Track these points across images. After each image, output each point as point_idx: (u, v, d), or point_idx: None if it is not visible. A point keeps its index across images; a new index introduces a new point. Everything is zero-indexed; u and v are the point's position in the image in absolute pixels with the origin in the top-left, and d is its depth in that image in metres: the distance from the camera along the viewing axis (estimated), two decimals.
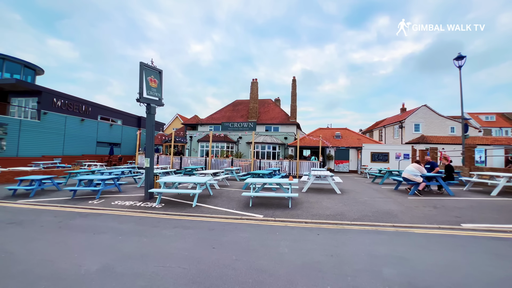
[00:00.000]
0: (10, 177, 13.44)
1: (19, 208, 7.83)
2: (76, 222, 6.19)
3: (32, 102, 20.80)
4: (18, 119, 18.60)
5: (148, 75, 8.42)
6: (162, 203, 8.15)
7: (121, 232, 5.34)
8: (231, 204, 8.06)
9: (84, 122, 24.04)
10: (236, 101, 33.20)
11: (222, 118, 29.43)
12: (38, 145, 19.97)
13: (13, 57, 21.86)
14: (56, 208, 7.73)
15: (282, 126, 27.29)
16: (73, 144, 23.03)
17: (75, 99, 23.44)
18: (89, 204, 8.22)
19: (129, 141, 30.59)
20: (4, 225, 5.92)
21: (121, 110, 29.41)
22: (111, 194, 9.65)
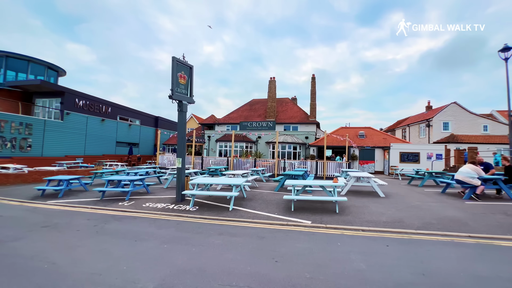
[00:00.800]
0: (37, 177, 13.45)
1: (50, 209, 7.57)
2: (112, 226, 5.79)
3: (56, 103, 21.05)
4: (43, 120, 18.82)
5: (179, 70, 7.98)
6: (196, 205, 7.68)
7: (164, 239, 4.86)
8: (270, 207, 7.48)
9: (104, 122, 24.19)
10: (252, 101, 32.69)
11: (239, 118, 28.99)
12: (61, 145, 20.17)
13: (38, 58, 22.24)
14: (87, 210, 7.41)
15: (301, 125, 26.53)
16: (94, 144, 23.19)
17: (96, 99, 23.61)
18: (119, 205, 7.87)
19: (147, 141, 30.68)
20: (39, 228, 5.59)
21: (139, 110, 29.54)
22: (139, 195, 9.30)
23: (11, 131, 16.65)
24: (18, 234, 5.19)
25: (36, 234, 5.20)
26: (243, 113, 29.95)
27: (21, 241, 4.76)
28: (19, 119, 17.24)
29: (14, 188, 11.41)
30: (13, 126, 16.77)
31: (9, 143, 16.54)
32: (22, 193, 10.15)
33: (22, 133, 17.31)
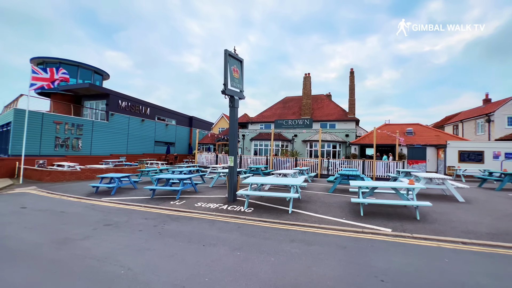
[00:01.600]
0: (89, 174, 14.14)
1: (107, 206, 7.63)
2: (172, 227, 5.50)
3: (101, 105, 22.30)
4: (91, 120, 19.98)
5: (231, 64, 7.56)
6: (251, 207, 7.21)
7: (233, 244, 4.41)
8: (334, 211, 6.75)
9: (144, 122, 25.15)
10: (286, 98, 31.88)
11: (272, 116, 28.40)
12: (107, 144, 21.28)
13: (86, 64, 23.78)
14: (141, 209, 7.33)
15: (339, 122, 25.12)
16: (135, 143, 24.20)
17: (136, 100, 24.61)
18: (171, 205, 7.69)
19: (182, 141, 31.44)
20: (102, 227, 5.50)
21: (175, 111, 30.36)
22: (188, 194, 9.12)
23: (65, 131, 17.84)
24: (85, 232, 5.10)
25: (101, 233, 5.08)
26: (276, 111, 29.28)
27: (90, 240, 4.63)
28: (72, 120, 18.42)
29: (70, 184, 12.03)
30: (67, 127, 17.96)
31: (63, 143, 17.74)
32: (79, 190, 10.59)
33: (74, 133, 18.48)
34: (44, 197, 9.32)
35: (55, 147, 17.37)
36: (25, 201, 8.44)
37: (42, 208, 7.33)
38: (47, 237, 4.80)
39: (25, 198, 8.90)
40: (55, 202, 8.25)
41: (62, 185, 11.97)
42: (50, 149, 17.05)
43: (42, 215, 6.50)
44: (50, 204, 7.91)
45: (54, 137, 17.29)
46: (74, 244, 4.40)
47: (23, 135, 15.01)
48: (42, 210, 7.15)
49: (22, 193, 10.10)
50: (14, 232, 5.11)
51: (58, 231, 5.20)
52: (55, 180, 13.07)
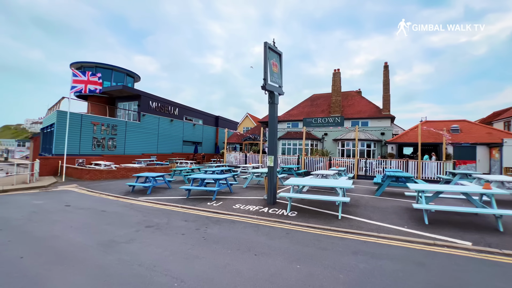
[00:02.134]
0: (124, 173, 14.53)
1: (145, 206, 7.54)
2: (215, 231, 5.15)
3: (134, 106, 23.09)
4: (124, 121, 20.72)
5: (270, 58, 7.08)
6: (293, 210, 6.68)
7: (287, 255, 3.92)
8: (390, 218, 6.00)
9: (173, 122, 25.66)
10: (313, 96, 30.80)
11: (300, 114, 27.55)
12: (139, 144, 21.96)
13: (119, 67, 24.77)
14: (179, 209, 7.12)
15: (373, 120, 23.63)
16: (165, 143, 24.77)
17: (165, 101, 25.14)
18: (208, 206, 7.40)
19: (209, 140, 31.73)
20: (144, 228, 5.30)
21: (201, 111, 30.70)
22: (224, 195, 8.81)
23: (101, 132, 18.63)
24: (128, 233, 4.92)
25: (144, 235, 4.86)
26: (304, 110, 28.36)
27: (134, 243, 4.40)
28: (107, 121, 19.19)
29: (107, 183, 12.36)
30: (103, 127, 18.74)
31: (100, 143, 18.53)
32: (116, 188, 10.78)
33: (109, 133, 19.25)
34: (85, 195, 9.56)
35: (93, 147, 18.17)
36: (68, 199, 8.68)
37: (84, 207, 7.41)
38: (92, 238, 4.68)
39: (68, 196, 9.18)
40: (96, 201, 8.37)
41: (100, 183, 12.34)
42: (88, 148, 17.87)
43: (85, 214, 6.52)
44: (91, 203, 8.02)
45: (92, 137, 18.10)
46: (120, 248, 4.19)
47: (65, 135, 15.83)
48: (84, 208, 7.22)
49: (65, 190, 10.50)
50: (61, 231, 5.07)
51: (102, 231, 5.08)
52: (93, 179, 13.56)
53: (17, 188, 10.52)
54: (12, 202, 7.95)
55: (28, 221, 5.84)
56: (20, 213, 6.56)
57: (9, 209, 7.03)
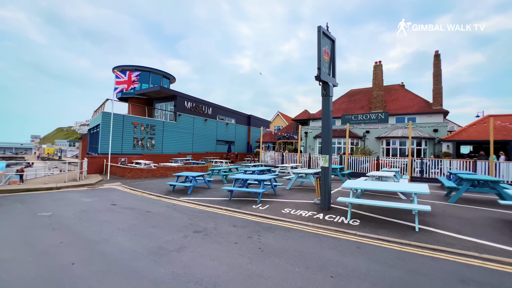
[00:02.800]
0: (163, 172, 14.72)
1: (188, 208, 7.21)
2: (270, 240, 4.52)
3: (170, 106, 23.68)
4: (162, 121, 21.29)
5: (323, 44, 6.26)
6: (355, 218, 5.79)
7: (374, 280, 3.12)
8: (486, 232, 4.84)
9: (207, 122, 25.87)
10: (351, 91, 28.91)
11: (337, 111, 25.97)
12: (175, 144, 22.43)
13: (156, 69, 25.64)
14: (224, 212, 6.64)
15: (421, 116, 21.27)
16: (199, 142, 25.06)
17: (199, 101, 25.41)
18: (254, 209, 6.82)
19: (241, 139, 31.56)
20: (192, 234, 4.86)
21: (234, 110, 30.64)
22: (268, 198, 8.19)
23: (141, 132, 19.28)
24: (177, 239, 4.51)
25: (194, 242, 4.40)
26: (341, 106, 26.69)
27: (185, 252, 3.94)
28: (146, 121, 19.82)
29: (148, 181, 12.51)
30: (142, 127, 19.37)
31: (140, 142, 19.19)
32: (157, 187, 10.78)
33: (148, 133, 19.87)
34: (128, 193, 9.63)
35: (133, 146, 18.86)
36: (113, 197, 8.76)
37: (129, 206, 7.31)
38: (141, 243, 4.33)
39: (113, 195, 9.30)
40: (139, 200, 8.30)
41: (141, 182, 12.53)
42: (129, 148, 18.58)
43: (131, 215, 6.34)
44: (135, 202, 7.94)
45: (133, 137, 18.79)
46: (171, 258, 3.75)
47: (109, 135, 16.57)
48: (129, 208, 7.10)
49: (110, 188, 10.75)
50: (110, 234, 4.84)
51: (149, 235, 4.74)
52: (135, 177, 13.89)
53: (68, 186, 11.03)
54: (64, 200, 8.19)
55: (79, 220, 5.78)
56: (71, 211, 6.61)
57: (61, 206, 7.17)
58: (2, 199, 8.17)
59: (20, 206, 7.15)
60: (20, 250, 4.02)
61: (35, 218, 5.94)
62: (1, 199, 8.10)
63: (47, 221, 5.70)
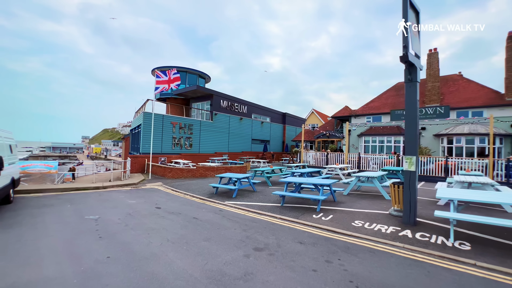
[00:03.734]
0: (202, 172, 14.32)
1: (238, 214, 6.41)
2: (357, 268, 3.44)
3: (206, 105, 23.57)
4: (199, 121, 21.19)
5: (409, 18, 4.93)
6: (460, 240, 4.42)
7: None
8: None
9: (242, 121, 25.31)
10: (398, 84, 26.10)
11: (383, 107, 23.60)
12: (211, 143, 22.21)
13: (192, 69, 25.78)
14: (281, 222, 5.70)
15: (491, 109, 18.13)
16: (235, 142, 24.61)
17: (235, 99, 24.90)
18: (315, 219, 5.77)
19: (276, 138, 30.52)
20: (252, 252, 3.98)
21: (269, 108, 29.70)
22: (328, 205, 7.05)
23: (179, 131, 19.31)
24: (237, 260, 3.66)
25: (260, 266, 3.51)
26: (387, 101, 24.20)
27: (253, 283, 3.05)
28: (184, 121, 19.83)
29: (189, 182, 12.12)
30: (180, 127, 19.39)
31: (178, 142, 19.23)
32: (198, 189, 10.27)
33: (186, 132, 19.86)
34: (171, 195, 9.21)
35: (172, 146, 18.94)
36: (157, 199, 8.36)
37: (174, 211, 6.74)
38: (196, 264, 3.56)
39: (156, 196, 8.93)
40: (183, 203, 7.76)
41: (182, 182, 12.20)
42: (168, 147, 18.69)
43: (178, 221, 5.71)
44: (179, 205, 7.40)
45: (171, 136, 18.87)
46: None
47: (150, 135, 16.73)
48: (175, 213, 6.53)
49: (152, 189, 10.50)
50: (159, 246, 4.18)
51: (204, 252, 3.98)
52: (175, 177, 13.68)
53: (113, 185, 11.05)
54: (110, 201, 7.97)
55: (125, 226, 5.28)
56: (117, 215, 6.21)
57: (108, 208, 6.87)
58: (54, 198, 8.23)
59: (69, 207, 7.01)
60: (65, 266, 3.49)
61: (83, 222, 5.60)
62: (53, 199, 8.15)
63: (94, 226, 5.29)
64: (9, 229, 5.02)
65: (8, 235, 4.68)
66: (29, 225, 5.34)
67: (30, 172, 10.33)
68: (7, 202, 7.48)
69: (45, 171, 10.57)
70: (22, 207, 6.97)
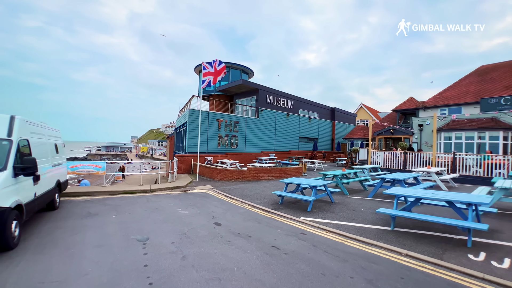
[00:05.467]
0: (254, 174, 12.57)
1: (334, 243, 4.39)
2: None
3: (251, 101, 21.99)
4: (244, 117, 19.68)
5: None
6: None
7: None
8: None
9: (289, 117, 23.18)
10: (481, 68, 21.31)
11: (462, 96, 19.31)
12: (258, 141, 20.54)
13: (235, 63, 24.43)
14: (415, 265, 3.52)
15: None
16: (281, 140, 22.60)
17: (281, 93, 22.79)
18: (482, 266, 3.46)
19: (325, 136, 27.69)
20: None
21: (316, 102, 26.92)
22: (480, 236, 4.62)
23: (224, 129, 17.99)
24: None
25: None
26: (468, 88, 19.77)
27: None
28: (230, 118, 18.46)
29: (242, 186, 10.46)
30: (226, 124, 18.06)
31: (223, 140, 17.93)
32: (255, 195, 8.52)
33: (232, 130, 18.48)
34: (226, 203, 7.59)
35: (218, 145, 17.70)
36: (212, 209, 6.79)
37: (241, 231, 4.99)
38: None
39: (210, 204, 7.38)
40: (246, 217, 6.01)
41: (233, 186, 10.62)
42: (214, 146, 17.49)
43: (253, 253, 3.91)
44: (243, 222, 5.67)
45: (217, 135, 17.63)
46: None
47: (196, 133, 15.64)
48: (242, 235, 4.76)
49: (202, 193, 9.07)
50: None
51: None
52: (224, 179, 12.21)
53: (161, 188, 9.92)
54: (160, 210, 6.61)
55: (183, 261, 3.66)
56: (170, 234, 4.70)
57: (158, 222, 5.45)
58: (101, 204, 7.20)
59: (114, 218, 5.77)
60: None
61: (128, 245, 4.17)
62: (100, 204, 7.12)
63: (142, 256, 3.78)
64: (39, 255, 3.76)
65: (35, 268, 3.36)
66: (64, 248, 4.07)
67: (79, 173, 9.69)
68: (52, 208, 6.58)
69: (93, 172, 9.86)
70: (65, 216, 5.95)
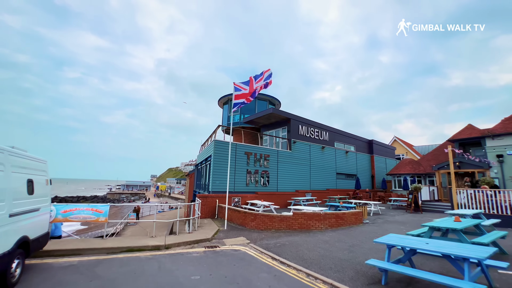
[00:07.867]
0: (303, 222, 9.24)
1: None
2: None
3: (282, 133, 19.56)
4: (276, 150, 17.04)
5: None
6: None
7: None
8: None
9: (324, 150, 20.24)
10: None
11: None
12: (291, 178, 17.47)
13: (262, 93, 22.78)
14: None
15: None
16: (317, 176, 19.36)
17: (314, 124, 20.23)
18: None
19: (364, 171, 24.01)
20: None
21: (353, 134, 24.00)
22: None
23: (254, 164, 15.31)
24: None
25: None
26: None
27: None
28: (260, 151, 15.92)
29: (290, 239, 7.26)
30: (255, 158, 15.43)
31: (253, 177, 15.11)
32: (323, 259, 5.31)
33: (262, 165, 15.74)
34: (282, 275, 4.43)
35: (246, 183, 14.86)
36: None
37: None
38: None
39: (256, 277, 4.29)
40: None
41: (278, 240, 7.48)
42: (242, 184, 14.67)
43: None
44: None
45: (246, 170, 14.94)
46: None
47: (223, 168, 13.14)
48: None
49: (237, 253, 5.99)
50: None
51: None
52: (261, 228, 9.12)
53: (179, 243, 7.02)
54: None
55: None
56: None
57: None
58: (86, 276, 4.38)
59: None
60: None
61: None
62: (84, 277, 4.29)
63: None
64: None
65: None
66: None
67: (72, 220, 7.13)
68: (3, 285, 3.93)
69: (92, 218, 7.28)
70: None
